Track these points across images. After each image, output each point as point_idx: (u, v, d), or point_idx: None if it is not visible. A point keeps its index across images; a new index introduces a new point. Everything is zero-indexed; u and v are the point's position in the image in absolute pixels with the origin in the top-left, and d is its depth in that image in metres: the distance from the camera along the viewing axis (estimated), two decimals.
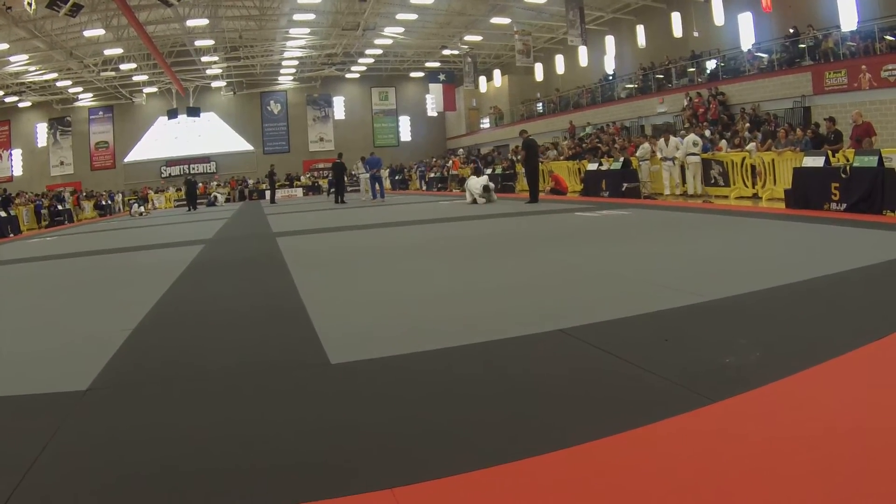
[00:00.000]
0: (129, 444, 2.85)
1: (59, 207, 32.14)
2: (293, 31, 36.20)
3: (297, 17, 33.33)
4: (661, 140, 18.85)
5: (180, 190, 39.85)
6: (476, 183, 19.13)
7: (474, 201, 18.61)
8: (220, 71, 41.81)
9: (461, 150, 43.92)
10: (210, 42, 35.41)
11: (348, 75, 46.64)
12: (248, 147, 47.15)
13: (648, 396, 3.03)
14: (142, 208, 33.92)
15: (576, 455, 2.45)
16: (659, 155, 18.57)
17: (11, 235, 23.92)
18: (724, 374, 3.25)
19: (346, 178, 30.10)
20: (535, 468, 2.36)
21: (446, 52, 41.20)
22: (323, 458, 2.59)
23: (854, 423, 2.63)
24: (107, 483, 2.48)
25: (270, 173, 32.45)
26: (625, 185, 18.08)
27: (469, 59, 39.67)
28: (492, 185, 19.40)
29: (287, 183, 43.22)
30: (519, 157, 22.55)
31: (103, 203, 37.27)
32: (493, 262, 7.66)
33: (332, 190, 28.26)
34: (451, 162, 36.50)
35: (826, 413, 2.78)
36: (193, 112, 42.59)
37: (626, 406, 2.94)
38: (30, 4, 22.32)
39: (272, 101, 47.59)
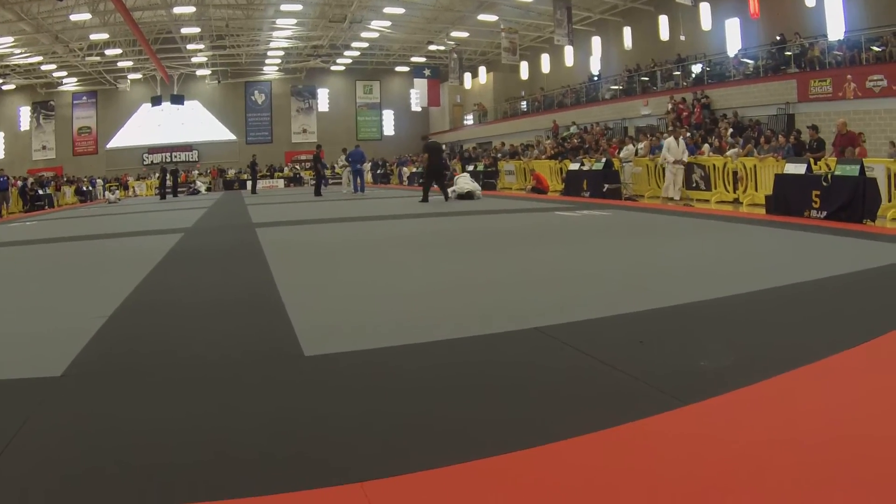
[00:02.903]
0: (101, 433, 2.83)
1: (41, 192, 31.77)
2: (280, 22, 36.04)
3: (284, 7, 33.15)
4: (671, 139, 17.61)
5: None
6: (462, 183, 19.09)
7: (458, 196, 18.51)
8: (206, 59, 41.51)
9: (444, 145, 43.79)
10: (196, 30, 35.17)
11: (333, 67, 46.50)
12: (230, 136, 46.89)
13: (620, 397, 3.05)
14: (115, 195, 33.81)
15: (547, 453, 2.46)
16: (669, 157, 17.13)
17: None
18: (698, 377, 3.27)
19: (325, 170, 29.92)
20: (505, 465, 2.37)
21: (432, 47, 41.11)
22: (292, 451, 2.58)
23: (828, 430, 2.66)
24: (77, 471, 2.45)
25: (252, 163, 32.27)
26: (606, 185, 18.09)
27: (455, 55, 39.63)
28: (476, 190, 19.27)
29: (268, 174, 42.97)
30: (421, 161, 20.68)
31: (84, 189, 36.91)
32: (469, 259, 7.67)
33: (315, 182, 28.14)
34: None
35: (800, 418, 2.80)
36: (177, 100, 42.23)
37: (597, 406, 2.95)
38: None
39: (256, 91, 47.32)
